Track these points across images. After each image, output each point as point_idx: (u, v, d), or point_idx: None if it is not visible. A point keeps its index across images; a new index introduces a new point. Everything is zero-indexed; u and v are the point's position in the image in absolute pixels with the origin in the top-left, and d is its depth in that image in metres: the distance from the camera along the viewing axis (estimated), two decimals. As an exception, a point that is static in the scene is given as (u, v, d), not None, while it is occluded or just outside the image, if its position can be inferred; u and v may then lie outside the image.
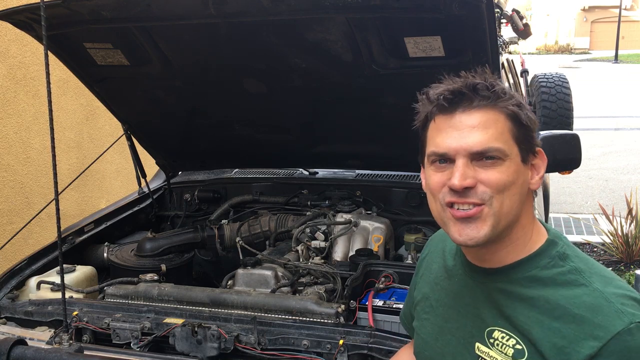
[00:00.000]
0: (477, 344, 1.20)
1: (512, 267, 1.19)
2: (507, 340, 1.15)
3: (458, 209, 1.15)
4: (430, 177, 1.20)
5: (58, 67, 2.67)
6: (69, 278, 2.33)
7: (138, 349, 1.93)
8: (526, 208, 1.20)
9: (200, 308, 2.12)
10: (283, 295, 2.19)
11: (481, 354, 1.19)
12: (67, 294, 2.10)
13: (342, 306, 1.99)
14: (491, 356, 1.16)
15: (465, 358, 1.22)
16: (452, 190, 1.14)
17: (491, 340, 1.17)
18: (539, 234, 1.22)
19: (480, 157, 1.13)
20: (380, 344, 1.79)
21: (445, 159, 1.16)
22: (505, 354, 1.14)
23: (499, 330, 1.17)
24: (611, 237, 5.29)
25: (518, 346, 1.13)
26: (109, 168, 5.23)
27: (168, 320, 1.98)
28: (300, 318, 1.98)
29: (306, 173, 3.28)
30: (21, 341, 1.74)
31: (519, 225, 1.18)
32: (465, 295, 1.26)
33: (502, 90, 1.17)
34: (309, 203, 3.00)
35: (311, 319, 1.97)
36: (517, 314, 1.14)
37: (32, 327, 2.14)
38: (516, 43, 5.63)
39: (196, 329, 1.86)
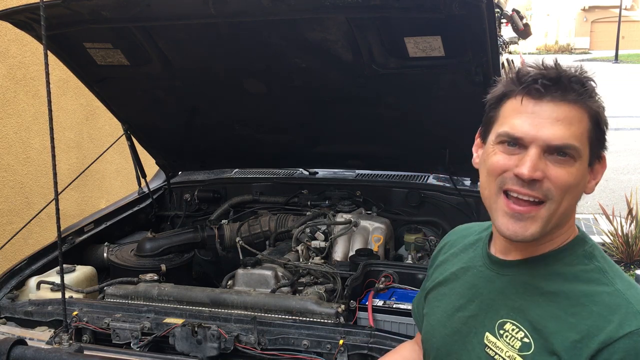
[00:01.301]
0: (487, 334, 1.20)
1: (537, 260, 1.18)
2: (517, 333, 1.15)
3: (517, 198, 1.12)
4: (493, 156, 1.15)
5: (58, 67, 2.67)
6: (69, 278, 2.32)
7: (138, 349, 1.93)
8: (575, 209, 1.19)
9: (200, 308, 2.12)
10: (283, 295, 2.19)
11: (488, 344, 1.19)
12: (67, 294, 2.10)
13: (342, 306, 1.99)
14: (498, 347, 1.17)
15: (473, 346, 1.22)
16: (518, 178, 1.10)
17: (501, 332, 1.17)
18: (570, 230, 1.21)
19: (554, 151, 1.10)
20: (380, 344, 1.79)
21: (517, 143, 1.12)
22: (512, 345, 1.14)
23: (510, 323, 1.17)
24: (611, 237, 5.29)
25: (525, 339, 1.13)
26: (109, 168, 5.23)
27: (168, 320, 1.98)
28: (300, 318, 1.98)
29: (306, 173, 3.28)
30: (21, 341, 1.74)
31: (565, 225, 1.17)
32: (481, 287, 1.26)
33: (593, 89, 1.14)
34: (309, 203, 3.00)
35: (311, 319, 1.97)
36: (534, 307, 1.14)
37: (32, 327, 2.14)
38: (516, 43, 5.63)
39: (196, 329, 1.86)
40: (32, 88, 4.34)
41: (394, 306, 2.01)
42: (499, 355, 1.16)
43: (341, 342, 1.80)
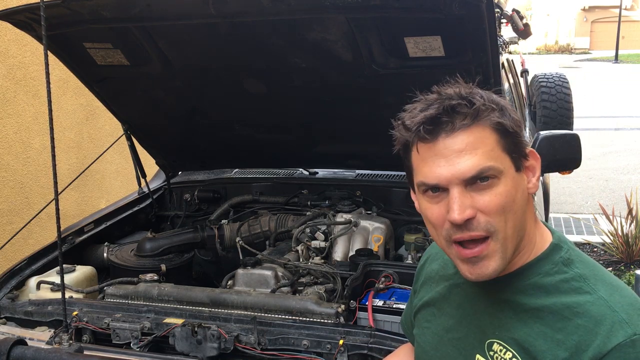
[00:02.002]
0: (478, 356, 1.18)
1: (514, 275, 1.15)
2: (505, 354, 1.12)
3: (465, 247, 1.09)
4: (427, 209, 1.13)
5: (58, 67, 2.67)
6: (68, 278, 2.32)
7: (138, 349, 1.93)
8: (529, 215, 1.16)
9: (200, 308, 2.12)
10: (283, 295, 2.19)
11: None
12: (67, 294, 2.10)
13: (342, 306, 1.99)
14: None
15: None
16: (454, 224, 1.07)
17: (490, 353, 1.15)
18: (542, 238, 1.18)
19: (474, 180, 1.06)
20: (380, 344, 1.79)
21: (438, 189, 1.09)
22: None
23: (497, 343, 1.14)
24: (611, 237, 5.29)
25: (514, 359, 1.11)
26: (109, 168, 5.23)
27: (168, 320, 1.98)
28: (300, 318, 1.98)
29: (306, 173, 3.28)
30: (21, 341, 1.74)
31: (526, 235, 1.14)
32: (466, 306, 1.24)
33: (481, 102, 1.08)
34: (309, 203, 3.00)
35: (311, 319, 1.97)
36: (520, 325, 1.12)
37: (32, 327, 2.14)
38: (516, 43, 5.63)
39: (196, 329, 1.86)
40: (32, 88, 4.34)
41: (394, 306, 2.01)
42: None
43: (341, 342, 1.80)
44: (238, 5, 2.06)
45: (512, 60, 5.37)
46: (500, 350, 1.13)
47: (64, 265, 1.97)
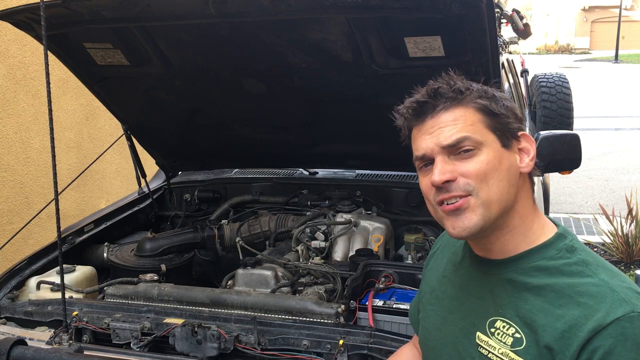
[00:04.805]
0: (478, 333, 1.22)
1: (518, 258, 1.20)
2: (507, 330, 1.16)
3: (447, 204, 1.18)
4: (421, 182, 1.25)
5: (58, 67, 2.67)
6: (69, 278, 2.32)
7: (138, 349, 1.93)
8: (522, 194, 1.22)
9: (200, 308, 2.12)
10: (283, 295, 2.19)
11: (480, 343, 1.21)
12: (67, 294, 2.10)
13: (342, 306, 1.99)
14: (490, 345, 1.18)
15: (465, 347, 1.24)
16: (437, 188, 1.18)
17: (492, 330, 1.19)
18: (544, 227, 1.23)
19: (456, 150, 1.17)
20: (380, 344, 1.79)
21: (428, 162, 1.21)
22: (504, 342, 1.16)
23: (501, 320, 1.18)
24: (611, 237, 5.29)
25: (517, 335, 1.14)
26: (109, 168, 5.23)
27: (168, 320, 1.98)
28: (300, 318, 1.98)
29: (306, 173, 3.28)
30: (21, 341, 1.74)
31: (514, 212, 1.20)
32: (470, 287, 1.29)
33: (465, 87, 1.21)
34: (309, 203, 3.00)
35: (311, 319, 1.97)
36: (522, 302, 1.16)
37: (32, 327, 2.14)
38: (516, 43, 5.63)
39: (196, 329, 1.86)
40: (32, 88, 4.34)
41: (394, 306, 2.01)
42: (492, 354, 1.17)
43: (341, 342, 1.80)
44: (238, 5, 2.06)
45: (512, 60, 5.37)
46: (503, 327, 1.17)
47: (64, 265, 1.97)
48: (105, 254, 2.73)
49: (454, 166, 1.17)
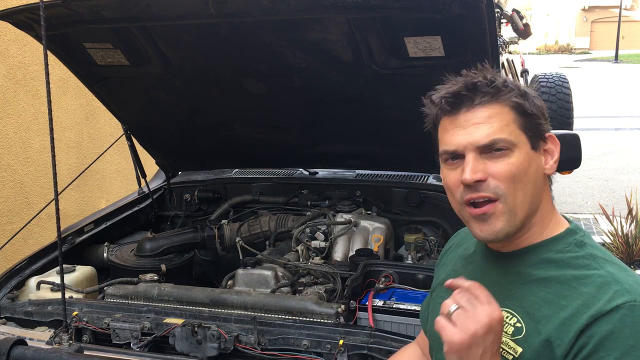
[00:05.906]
0: None
1: (528, 250, 1.22)
2: (510, 320, 1.18)
3: (475, 206, 1.18)
4: (447, 176, 1.24)
5: (58, 67, 2.67)
6: (68, 278, 2.32)
7: (138, 349, 1.93)
8: (544, 195, 1.24)
9: (200, 308, 2.12)
10: (283, 295, 2.19)
11: None
12: (67, 294, 2.10)
13: (342, 306, 1.99)
14: None
15: None
16: (466, 186, 1.17)
17: None
18: (557, 223, 1.25)
19: (488, 149, 1.17)
20: (380, 344, 1.79)
21: (456, 156, 1.20)
22: (505, 332, 1.16)
23: (505, 311, 1.19)
24: (611, 237, 5.29)
25: (518, 324, 1.16)
26: (109, 168, 5.23)
27: (168, 320, 1.98)
28: (300, 318, 1.98)
29: (306, 173, 3.28)
30: (21, 341, 1.74)
31: (537, 212, 1.22)
32: (479, 279, 1.28)
33: (502, 83, 1.20)
34: (309, 203, 3.00)
35: (311, 319, 1.97)
36: (528, 294, 1.17)
37: (32, 327, 2.14)
38: (516, 43, 5.64)
39: (196, 329, 1.86)
40: (32, 88, 4.34)
41: (394, 306, 2.01)
42: None
43: (341, 342, 1.80)
44: (238, 5, 2.06)
45: (512, 60, 5.37)
46: (507, 317, 1.18)
47: (64, 265, 1.97)
48: (105, 254, 2.73)
49: (485, 165, 1.17)
